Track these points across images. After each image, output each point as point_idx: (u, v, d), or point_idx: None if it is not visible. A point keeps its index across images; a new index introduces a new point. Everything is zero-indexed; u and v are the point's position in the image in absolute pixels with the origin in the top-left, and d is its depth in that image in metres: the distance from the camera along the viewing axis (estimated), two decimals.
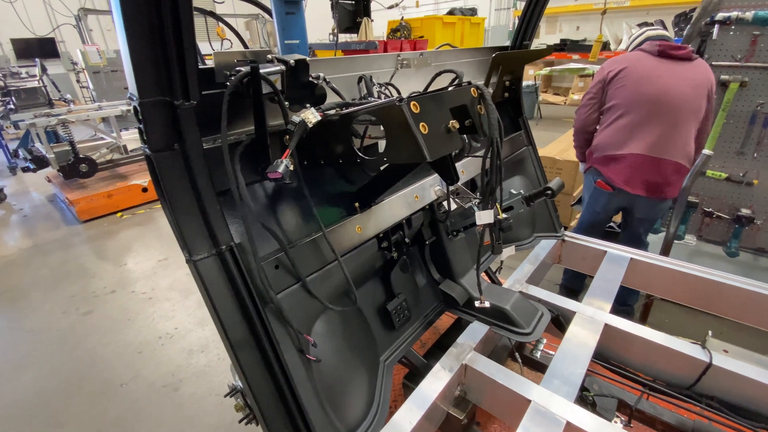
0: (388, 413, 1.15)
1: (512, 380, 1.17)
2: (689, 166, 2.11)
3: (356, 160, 0.97)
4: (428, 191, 1.43)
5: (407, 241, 1.39)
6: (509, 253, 1.28)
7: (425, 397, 1.13)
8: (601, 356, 1.47)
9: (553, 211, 2.06)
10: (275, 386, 0.94)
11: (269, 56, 0.90)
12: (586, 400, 1.34)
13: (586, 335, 1.35)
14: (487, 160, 1.03)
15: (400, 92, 1.37)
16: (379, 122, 0.88)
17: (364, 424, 1.12)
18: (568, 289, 2.73)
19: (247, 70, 0.81)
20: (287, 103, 0.92)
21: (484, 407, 1.28)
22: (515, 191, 1.43)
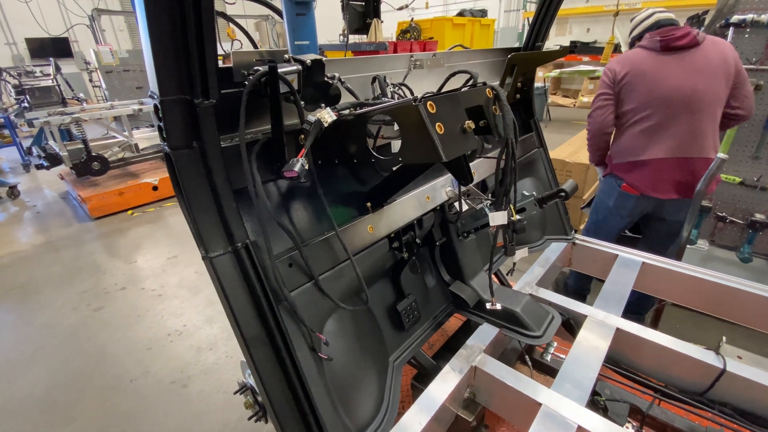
0: (397, 414, 1.15)
1: (522, 383, 1.16)
2: None
3: (370, 159, 0.96)
4: (440, 192, 1.43)
5: (418, 241, 1.39)
6: (522, 255, 1.27)
7: (434, 398, 1.12)
8: (612, 360, 1.45)
9: (563, 213, 2.05)
10: (288, 384, 0.95)
11: (286, 56, 0.91)
12: (597, 404, 1.33)
13: (597, 339, 1.34)
14: (501, 161, 1.02)
15: (413, 93, 1.37)
16: (394, 122, 0.88)
17: (373, 424, 1.12)
18: (573, 292, 2.66)
19: (265, 69, 0.82)
20: (303, 102, 0.93)
21: (493, 410, 1.27)
22: (527, 193, 1.42)
